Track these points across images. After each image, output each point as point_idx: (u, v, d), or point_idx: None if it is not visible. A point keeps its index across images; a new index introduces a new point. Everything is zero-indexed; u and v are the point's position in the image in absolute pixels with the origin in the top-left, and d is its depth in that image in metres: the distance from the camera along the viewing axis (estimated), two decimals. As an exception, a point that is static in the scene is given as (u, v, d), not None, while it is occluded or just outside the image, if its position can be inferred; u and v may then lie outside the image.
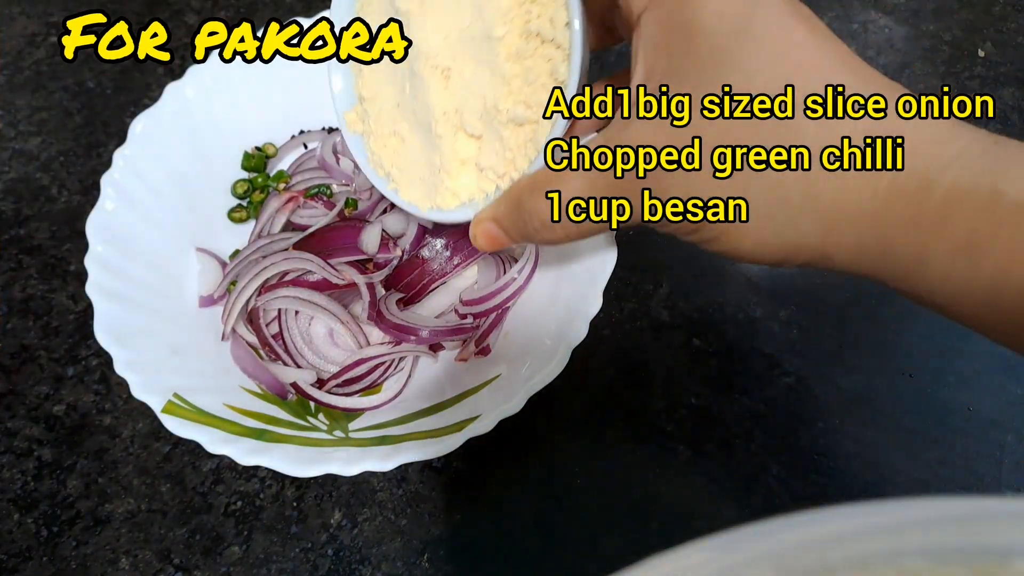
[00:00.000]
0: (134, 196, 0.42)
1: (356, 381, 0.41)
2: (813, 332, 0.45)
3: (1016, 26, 0.56)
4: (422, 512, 0.41)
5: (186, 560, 0.40)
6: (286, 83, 0.48)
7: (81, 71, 0.56)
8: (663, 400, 0.44)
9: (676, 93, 0.25)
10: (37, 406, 0.44)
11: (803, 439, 0.43)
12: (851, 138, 0.23)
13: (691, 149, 0.25)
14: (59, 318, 0.46)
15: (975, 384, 0.44)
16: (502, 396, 0.38)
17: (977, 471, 0.42)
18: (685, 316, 0.46)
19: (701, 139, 0.24)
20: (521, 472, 0.42)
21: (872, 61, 0.55)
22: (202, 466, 0.42)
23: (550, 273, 0.44)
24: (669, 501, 0.41)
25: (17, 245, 0.49)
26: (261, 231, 0.45)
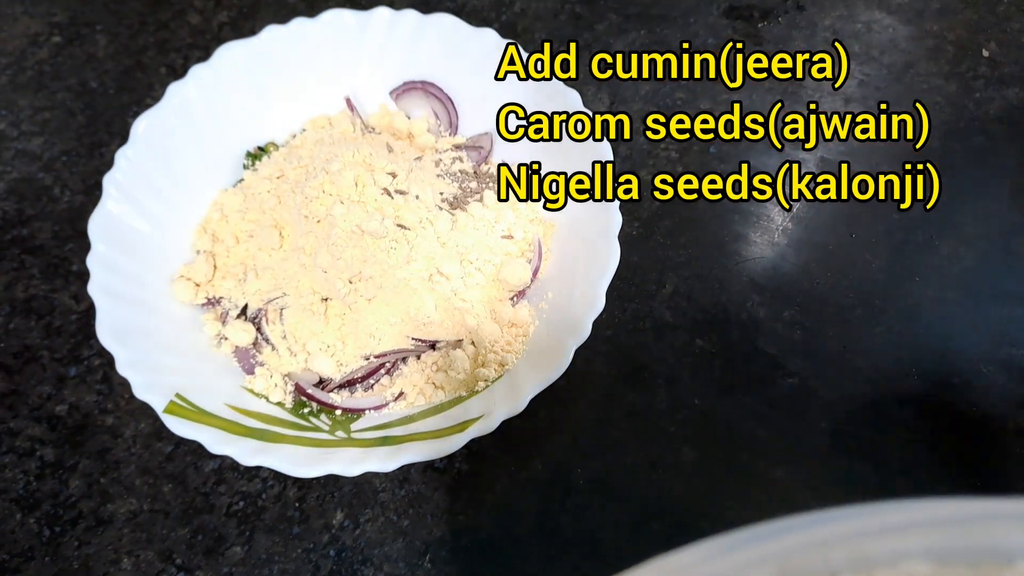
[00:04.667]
0: (136, 196, 0.42)
1: (357, 381, 0.41)
2: (816, 333, 0.45)
3: (1021, 26, 0.56)
4: (424, 513, 0.41)
5: (188, 560, 0.40)
6: (288, 83, 0.48)
7: (84, 71, 0.56)
8: (666, 401, 0.44)
9: None
10: (39, 406, 0.44)
11: (806, 440, 0.42)
12: None
13: None
14: (61, 318, 0.46)
15: (979, 385, 0.44)
16: (504, 396, 0.38)
17: (981, 472, 0.41)
18: (688, 317, 0.46)
19: None
20: (524, 473, 0.42)
21: (876, 61, 0.55)
22: (204, 466, 0.42)
23: (552, 273, 0.44)
24: (672, 502, 0.41)
25: (19, 245, 0.49)
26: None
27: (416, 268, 0.40)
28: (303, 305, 0.41)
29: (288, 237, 0.43)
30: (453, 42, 0.47)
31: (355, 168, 0.42)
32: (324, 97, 0.49)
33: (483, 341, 0.41)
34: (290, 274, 0.42)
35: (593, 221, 0.41)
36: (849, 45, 0.56)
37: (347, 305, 0.41)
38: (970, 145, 0.52)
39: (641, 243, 0.48)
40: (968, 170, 0.51)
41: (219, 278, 0.43)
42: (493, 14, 0.58)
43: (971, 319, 0.46)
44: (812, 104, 0.53)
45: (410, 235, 0.41)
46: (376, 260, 0.40)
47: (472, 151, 0.47)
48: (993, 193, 0.50)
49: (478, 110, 0.48)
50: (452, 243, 0.42)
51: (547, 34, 0.57)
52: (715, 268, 0.48)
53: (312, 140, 0.48)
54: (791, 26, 0.57)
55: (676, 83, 0.54)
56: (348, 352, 0.41)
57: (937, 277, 0.47)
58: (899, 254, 0.48)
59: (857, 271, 0.47)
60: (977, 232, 0.48)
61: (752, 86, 0.54)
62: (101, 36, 0.58)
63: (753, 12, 0.58)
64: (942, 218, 0.49)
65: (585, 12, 0.58)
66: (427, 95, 0.49)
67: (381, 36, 0.48)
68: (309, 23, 0.47)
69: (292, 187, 0.43)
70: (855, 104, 0.53)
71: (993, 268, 0.47)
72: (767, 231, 0.49)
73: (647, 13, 0.58)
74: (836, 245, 0.48)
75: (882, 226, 0.49)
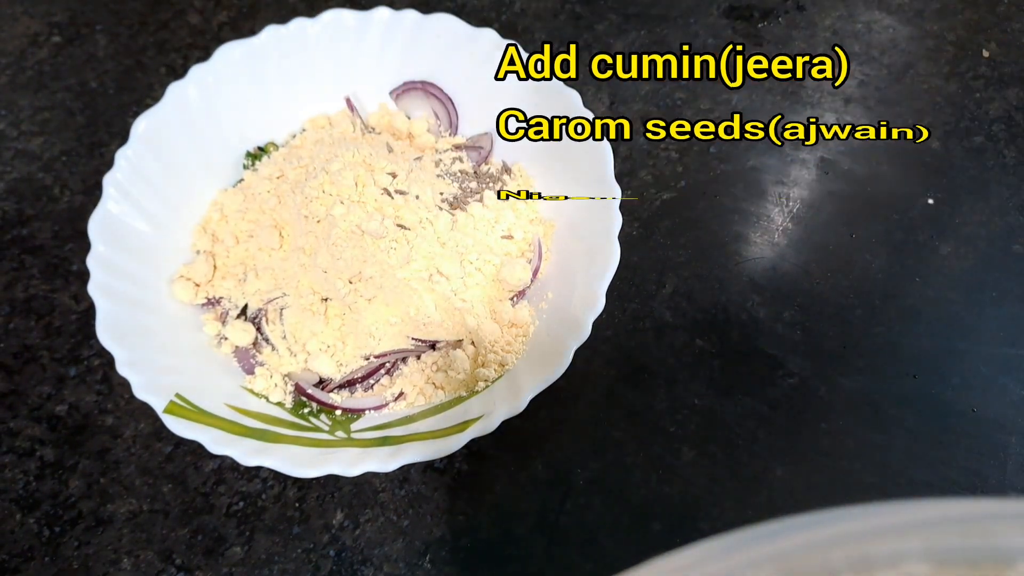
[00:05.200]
0: (136, 196, 0.42)
1: (357, 381, 0.41)
2: (816, 333, 0.45)
3: (1020, 26, 0.56)
4: (424, 513, 0.41)
5: (188, 560, 0.40)
6: (288, 83, 0.48)
7: (83, 71, 0.56)
8: (666, 401, 0.44)
9: None
10: (39, 406, 0.44)
11: (806, 440, 0.42)
12: None
13: None
14: (61, 318, 0.46)
15: (979, 386, 0.44)
16: (504, 397, 0.38)
17: (981, 473, 0.41)
18: (688, 317, 0.46)
19: None
20: (523, 473, 0.42)
21: (876, 61, 0.55)
22: (204, 466, 0.42)
23: (552, 273, 0.44)
24: (672, 502, 0.41)
25: (19, 245, 0.49)
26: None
27: (416, 268, 0.40)
28: (303, 305, 0.41)
29: (288, 237, 0.43)
30: (453, 42, 0.47)
31: (355, 168, 0.42)
32: (324, 97, 0.49)
33: (483, 341, 0.41)
34: (290, 274, 0.42)
35: (593, 221, 0.41)
36: (849, 45, 0.56)
37: (347, 305, 0.41)
38: (970, 145, 0.52)
39: (641, 243, 0.48)
40: (968, 170, 0.51)
41: (219, 278, 0.43)
42: (493, 14, 0.58)
43: (971, 319, 0.46)
44: (812, 119, 0.53)
45: (410, 235, 0.41)
46: (376, 260, 0.40)
47: (472, 151, 0.47)
48: (993, 193, 0.50)
49: (478, 110, 0.48)
50: (452, 243, 0.42)
51: (547, 34, 0.57)
52: (715, 268, 0.48)
53: (312, 140, 0.48)
54: (791, 26, 0.57)
55: (676, 83, 0.54)
56: (348, 352, 0.41)
57: (937, 277, 0.47)
58: (899, 254, 0.48)
59: (857, 271, 0.47)
60: (977, 232, 0.48)
61: (752, 86, 0.54)
62: (101, 36, 0.58)
63: (753, 12, 0.58)
64: (942, 218, 0.49)
65: (585, 12, 0.58)
66: (427, 95, 0.49)
67: (381, 36, 0.48)
68: (309, 23, 0.47)
69: (292, 187, 0.43)
70: (855, 104, 0.53)
71: (993, 268, 0.47)
72: (767, 231, 0.49)
73: (647, 13, 0.58)
74: (836, 245, 0.48)
75: (882, 226, 0.49)
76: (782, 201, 0.50)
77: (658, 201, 0.50)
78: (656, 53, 0.55)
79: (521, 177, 0.46)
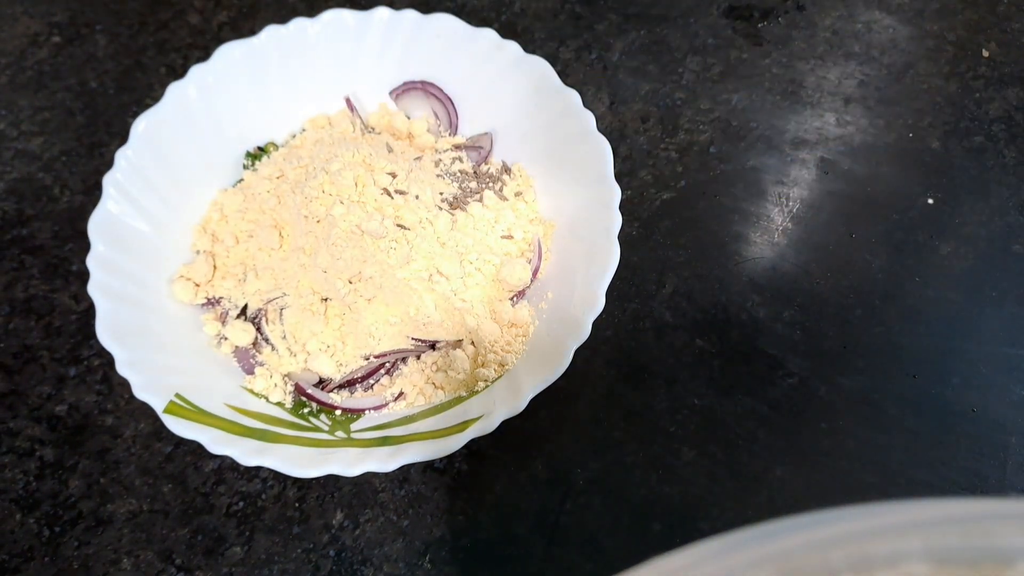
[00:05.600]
0: (136, 196, 0.42)
1: (357, 381, 0.41)
2: (816, 333, 0.45)
3: (1020, 26, 0.56)
4: (424, 513, 0.41)
5: (188, 561, 0.40)
6: (288, 83, 0.48)
7: (83, 71, 0.56)
8: (666, 401, 0.44)
9: None
10: (39, 406, 0.44)
11: (806, 440, 0.42)
12: None
13: None
14: (61, 318, 0.46)
15: (979, 386, 0.44)
16: (504, 397, 0.38)
17: (981, 473, 0.41)
18: (688, 317, 0.46)
19: None
20: (523, 473, 0.42)
21: (876, 61, 0.55)
22: (204, 466, 0.42)
23: (552, 273, 0.44)
24: (672, 502, 0.41)
25: (19, 245, 0.49)
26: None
27: (416, 268, 0.40)
28: (303, 305, 0.41)
29: (288, 237, 0.43)
30: (453, 42, 0.47)
31: (355, 168, 0.42)
32: (324, 97, 0.49)
33: (483, 341, 0.41)
34: (290, 274, 0.42)
35: (593, 221, 0.41)
36: (849, 45, 0.56)
37: (347, 305, 0.41)
38: (970, 145, 0.52)
39: (641, 243, 0.48)
40: (968, 170, 0.51)
41: (219, 278, 0.43)
42: (493, 14, 0.58)
43: (971, 319, 0.46)
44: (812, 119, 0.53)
45: (410, 235, 0.41)
46: (376, 260, 0.40)
47: (472, 151, 0.47)
48: (993, 193, 0.50)
49: (478, 110, 0.48)
50: (452, 243, 0.42)
51: (547, 34, 0.57)
52: (715, 268, 0.48)
53: (312, 140, 0.48)
54: (791, 26, 0.57)
55: (676, 83, 0.54)
56: (348, 352, 0.41)
57: (937, 277, 0.47)
58: (899, 254, 0.48)
59: (857, 271, 0.47)
60: (977, 232, 0.48)
61: (752, 86, 0.54)
62: (101, 36, 0.58)
63: (753, 12, 0.58)
64: (942, 218, 0.49)
65: (585, 12, 0.58)
66: (427, 95, 0.49)
67: (381, 36, 0.48)
68: (309, 23, 0.47)
69: (292, 187, 0.43)
70: (855, 104, 0.53)
71: (993, 268, 0.47)
72: (767, 231, 0.49)
73: (647, 13, 0.58)
74: (836, 245, 0.48)
75: (882, 226, 0.49)
76: (782, 201, 0.50)
77: (658, 201, 0.50)
78: (656, 53, 0.55)
79: (521, 177, 0.46)
